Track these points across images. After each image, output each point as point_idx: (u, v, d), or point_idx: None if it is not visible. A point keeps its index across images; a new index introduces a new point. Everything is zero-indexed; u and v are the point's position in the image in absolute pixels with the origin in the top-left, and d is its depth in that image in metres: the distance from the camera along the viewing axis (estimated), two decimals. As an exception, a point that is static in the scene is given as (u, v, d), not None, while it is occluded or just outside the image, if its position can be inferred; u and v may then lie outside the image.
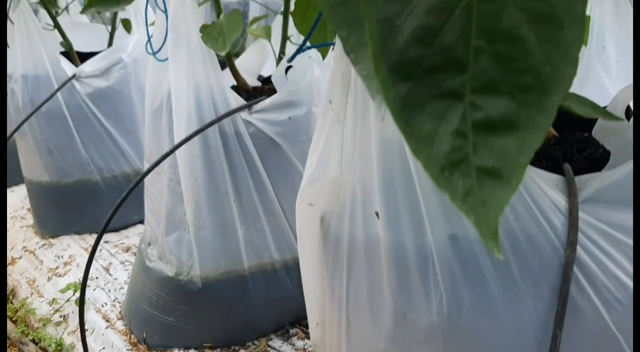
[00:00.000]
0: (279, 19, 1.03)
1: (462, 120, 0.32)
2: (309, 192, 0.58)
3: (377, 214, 0.51)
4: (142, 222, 1.52)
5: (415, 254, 0.49)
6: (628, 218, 0.47)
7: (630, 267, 0.47)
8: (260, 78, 1.13)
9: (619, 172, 0.48)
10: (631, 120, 0.55)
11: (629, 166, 0.48)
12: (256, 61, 1.13)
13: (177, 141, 0.93)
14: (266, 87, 1.06)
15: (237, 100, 0.96)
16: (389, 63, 0.30)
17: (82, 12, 0.72)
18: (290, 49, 1.00)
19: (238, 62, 1.08)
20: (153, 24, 1.02)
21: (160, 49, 0.96)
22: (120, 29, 1.53)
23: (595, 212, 0.48)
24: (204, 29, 0.91)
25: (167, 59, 0.94)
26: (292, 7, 0.87)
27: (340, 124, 0.55)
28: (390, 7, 0.29)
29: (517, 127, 0.32)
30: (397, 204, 0.49)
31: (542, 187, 0.48)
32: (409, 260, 0.49)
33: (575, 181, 0.49)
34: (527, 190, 0.47)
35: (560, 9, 0.31)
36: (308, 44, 0.73)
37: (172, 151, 0.92)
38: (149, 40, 0.98)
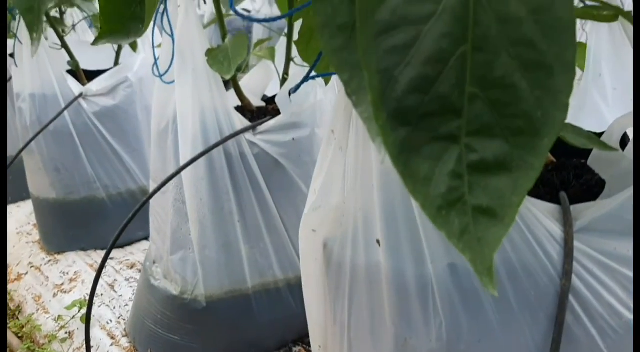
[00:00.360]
0: (283, 40, 1.05)
1: (458, 162, 0.33)
2: (312, 218, 0.60)
3: (378, 242, 0.53)
4: (146, 238, 1.54)
5: (416, 282, 0.50)
6: (622, 247, 0.49)
7: (624, 296, 0.48)
8: (264, 97, 1.15)
9: (614, 202, 0.49)
10: (626, 150, 0.57)
11: (622, 197, 0.49)
12: (260, 82, 1.15)
13: (182, 162, 0.94)
14: (270, 107, 1.08)
15: (241, 122, 0.98)
16: (388, 110, 0.32)
17: (93, 44, 0.74)
18: (293, 69, 1.02)
19: (243, 83, 1.10)
20: (160, 46, 1.04)
21: (166, 72, 0.98)
22: (126, 47, 1.56)
23: (590, 241, 0.49)
24: (209, 52, 0.93)
25: (173, 81, 0.96)
26: (295, 31, 0.90)
27: (343, 152, 0.56)
28: (389, 59, 0.31)
29: (511, 168, 0.34)
30: (398, 233, 0.51)
31: (539, 217, 0.49)
32: (409, 288, 0.51)
33: (570, 211, 0.50)
34: (524, 220, 0.48)
35: (550, 57, 0.33)
36: (312, 73, 0.74)
37: (177, 173, 0.93)
38: (155, 63, 1.00)
